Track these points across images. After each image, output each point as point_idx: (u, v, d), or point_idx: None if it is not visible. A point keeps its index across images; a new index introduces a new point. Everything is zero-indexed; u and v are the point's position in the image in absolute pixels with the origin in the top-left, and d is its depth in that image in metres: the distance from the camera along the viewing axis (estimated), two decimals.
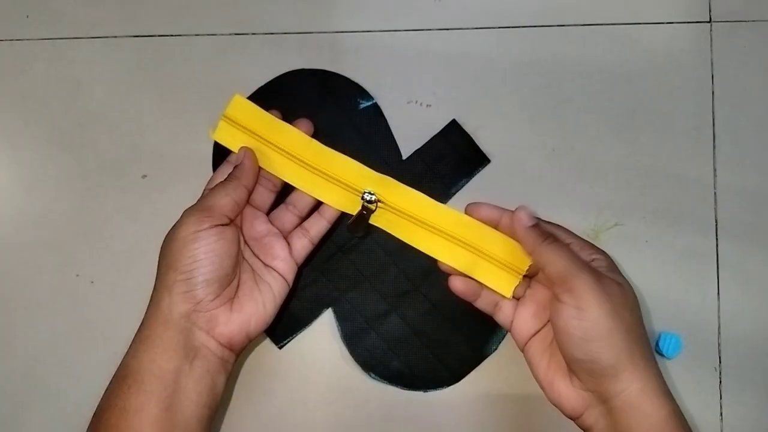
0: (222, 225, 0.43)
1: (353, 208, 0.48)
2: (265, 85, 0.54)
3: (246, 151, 0.46)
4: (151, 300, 0.44)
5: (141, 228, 0.54)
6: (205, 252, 0.41)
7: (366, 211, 0.48)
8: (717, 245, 0.52)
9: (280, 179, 0.48)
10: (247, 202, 0.46)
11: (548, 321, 0.44)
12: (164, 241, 0.44)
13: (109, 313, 0.53)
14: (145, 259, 0.52)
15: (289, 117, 0.51)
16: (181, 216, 0.43)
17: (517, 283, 0.45)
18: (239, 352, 0.45)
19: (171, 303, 0.41)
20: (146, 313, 0.44)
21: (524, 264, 0.45)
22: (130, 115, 0.55)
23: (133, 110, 0.55)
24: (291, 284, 0.46)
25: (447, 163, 0.53)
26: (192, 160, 0.54)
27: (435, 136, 0.53)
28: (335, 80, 0.54)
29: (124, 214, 0.54)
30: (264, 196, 0.48)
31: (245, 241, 0.46)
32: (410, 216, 0.48)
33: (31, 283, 0.54)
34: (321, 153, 0.48)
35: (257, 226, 0.47)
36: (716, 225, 0.52)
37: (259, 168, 0.47)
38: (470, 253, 0.46)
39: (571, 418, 0.43)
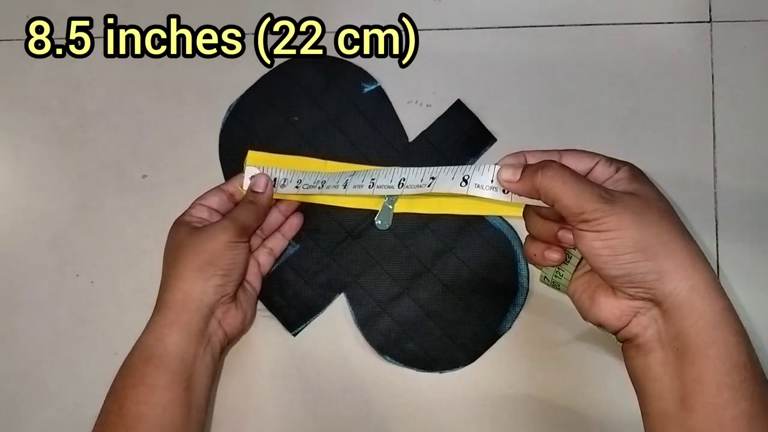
0: (248, 241, 0.50)
1: (377, 204, 0.52)
2: (269, 72, 0.54)
3: (267, 180, 0.51)
4: (175, 289, 0.46)
5: (141, 228, 0.54)
6: (241, 258, 0.48)
7: (390, 204, 0.52)
8: (717, 245, 0.52)
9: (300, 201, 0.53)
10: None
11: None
12: (197, 240, 0.47)
13: (109, 313, 0.53)
14: (145, 259, 0.52)
15: (293, 103, 0.54)
16: (218, 225, 0.48)
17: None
18: (225, 347, 0.50)
19: (204, 292, 0.46)
20: (168, 300, 0.46)
21: None
22: (130, 115, 0.55)
23: (133, 110, 0.55)
24: (258, 292, 0.52)
25: (453, 143, 0.53)
26: (192, 160, 0.54)
27: (440, 117, 0.53)
28: (338, 65, 0.54)
29: (124, 214, 0.54)
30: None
31: None
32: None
33: (31, 283, 0.54)
34: (336, 168, 0.52)
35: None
36: (716, 225, 0.52)
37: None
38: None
39: (615, 332, 0.41)
